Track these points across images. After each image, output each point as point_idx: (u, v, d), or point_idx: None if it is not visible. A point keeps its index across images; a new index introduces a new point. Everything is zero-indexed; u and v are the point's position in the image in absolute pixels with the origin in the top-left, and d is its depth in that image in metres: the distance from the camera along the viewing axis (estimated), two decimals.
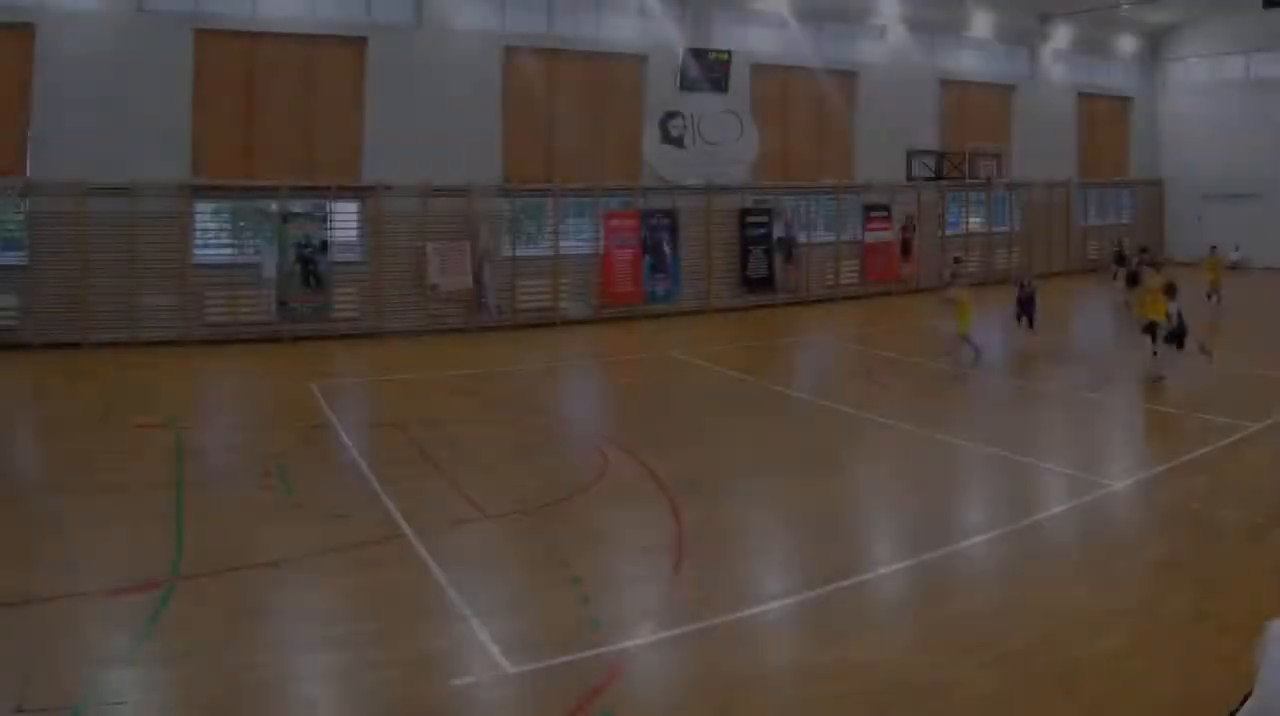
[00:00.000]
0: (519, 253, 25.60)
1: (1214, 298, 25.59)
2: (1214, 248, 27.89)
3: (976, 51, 34.26)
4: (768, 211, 29.05)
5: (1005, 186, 34.46)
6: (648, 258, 26.93)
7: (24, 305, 20.56)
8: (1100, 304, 28.90)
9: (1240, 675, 4.40)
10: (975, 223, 34.65)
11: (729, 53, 28.13)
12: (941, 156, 32.53)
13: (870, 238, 31.03)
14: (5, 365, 19.18)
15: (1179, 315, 16.79)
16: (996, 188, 34.13)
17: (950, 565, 9.23)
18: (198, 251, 22.61)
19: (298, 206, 23.08)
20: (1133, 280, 24.24)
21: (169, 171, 21.59)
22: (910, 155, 31.76)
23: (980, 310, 19.27)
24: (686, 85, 27.66)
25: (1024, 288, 21.51)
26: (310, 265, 22.76)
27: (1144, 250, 29.59)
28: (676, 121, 27.73)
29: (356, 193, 23.77)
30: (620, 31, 27.29)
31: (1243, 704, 3.94)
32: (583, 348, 23.20)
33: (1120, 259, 29.69)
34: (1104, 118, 38.30)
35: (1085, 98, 37.37)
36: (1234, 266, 32.74)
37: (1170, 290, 16.94)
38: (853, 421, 15.05)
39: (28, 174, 20.29)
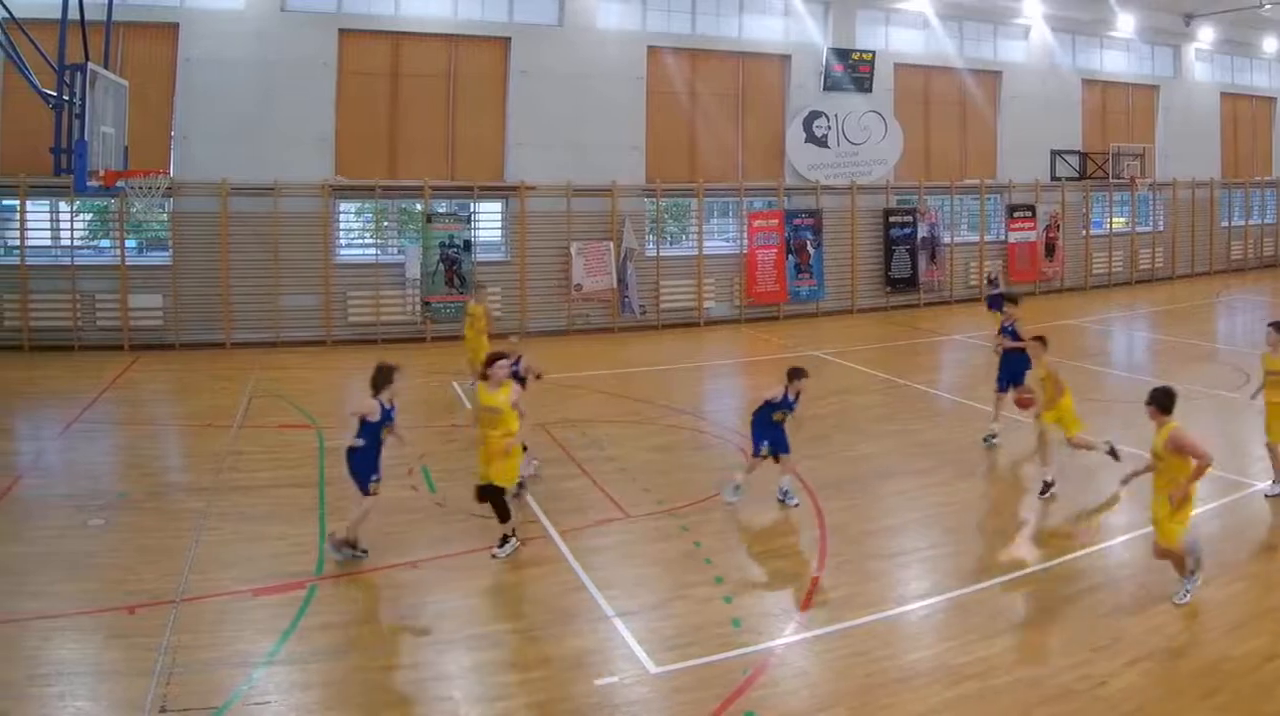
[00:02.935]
0: (663, 252, 21.53)
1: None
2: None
3: (1120, 51, 28.67)
4: (911, 211, 24.35)
5: (1150, 186, 28.86)
6: (791, 257, 22.56)
7: (168, 305, 17.50)
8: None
9: None
10: (1119, 222, 29.08)
11: (873, 53, 23.66)
12: (1085, 156, 27.36)
13: (1014, 237, 25.92)
14: (150, 365, 16.47)
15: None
16: (1141, 188, 28.57)
17: (1092, 565, 7.99)
18: (341, 252, 19.22)
19: (441, 206, 19.52)
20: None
21: (312, 171, 18.26)
22: (1054, 155, 26.81)
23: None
24: (830, 85, 23.28)
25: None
26: (454, 265, 19.13)
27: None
28: (820, 121, 23.27)
29: (500, 192, 20.04)
30: (763, 31, 22.95)
31: None
32: (726, 347, 19.55)
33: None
34: (1247, 117, 32.04)
35: (1229, 97, 31.12)
36: None
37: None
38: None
39: (172, 173, 17.05)
